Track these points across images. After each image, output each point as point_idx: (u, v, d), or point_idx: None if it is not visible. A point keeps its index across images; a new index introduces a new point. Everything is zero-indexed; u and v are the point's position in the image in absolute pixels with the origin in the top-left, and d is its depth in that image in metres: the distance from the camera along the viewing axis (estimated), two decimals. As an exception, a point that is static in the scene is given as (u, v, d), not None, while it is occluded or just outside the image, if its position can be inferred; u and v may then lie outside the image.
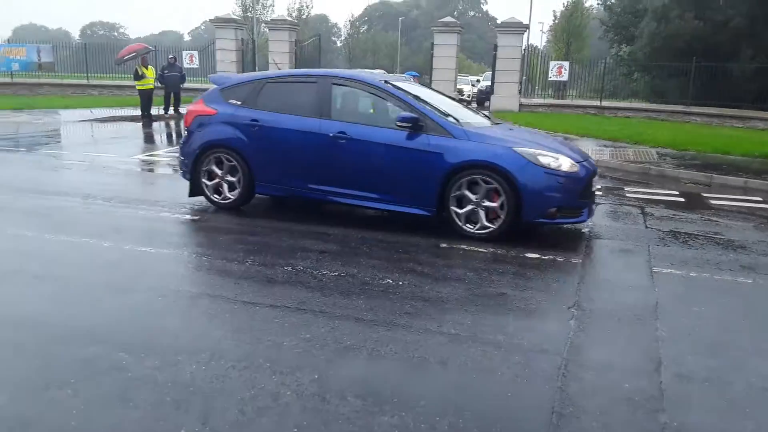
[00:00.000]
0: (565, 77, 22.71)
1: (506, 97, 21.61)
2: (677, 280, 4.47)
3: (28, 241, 4.97)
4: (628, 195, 7.84)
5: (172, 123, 16.33)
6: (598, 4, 35.12)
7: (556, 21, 43.96)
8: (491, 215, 5.25)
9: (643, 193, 8.06)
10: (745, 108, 19.43)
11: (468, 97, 28.14)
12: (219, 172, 6.13)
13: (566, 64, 23.19)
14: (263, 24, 32.22)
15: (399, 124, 5.42)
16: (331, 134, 5.63)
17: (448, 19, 23.30)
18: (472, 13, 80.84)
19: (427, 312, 3.66)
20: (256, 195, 6.20)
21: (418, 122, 5.39)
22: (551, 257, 4.90)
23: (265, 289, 3.98)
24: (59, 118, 16.49)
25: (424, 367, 2.97)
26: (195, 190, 6.25)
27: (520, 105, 21.72)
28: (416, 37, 67.00)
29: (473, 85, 31.32)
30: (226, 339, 3.20)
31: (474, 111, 6.61)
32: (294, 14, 48.66)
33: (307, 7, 53.99)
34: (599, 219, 6.27)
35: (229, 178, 6.10)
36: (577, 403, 2.68)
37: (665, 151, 11.84)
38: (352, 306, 3.70)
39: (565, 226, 5.77)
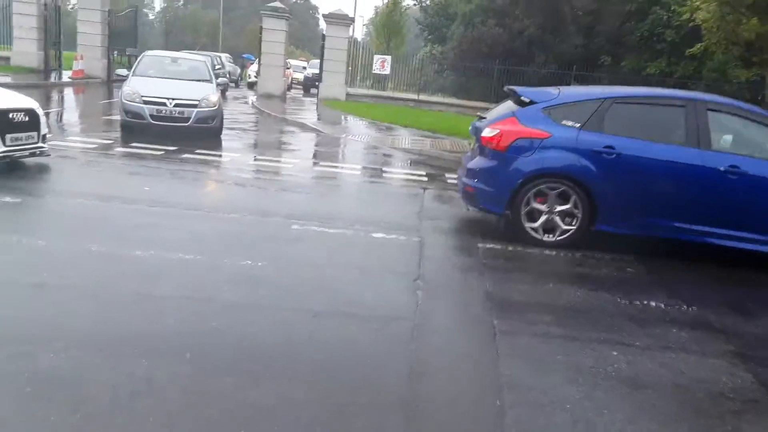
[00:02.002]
0: (387, 71, 23.90)
1: (334, 86, 22.09)
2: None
3: None
4: (449, 180, 8.66)
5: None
6: (414, 4, 37.40)
7: (377, 16, 45.76)
8: None
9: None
10: (539, 107, 22.18)
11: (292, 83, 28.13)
12: (548, 205, 5.31)
13: (389, 58, 24.39)
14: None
15: None
16: (721, 168, 5.08)
17: (277, 3, 22.96)
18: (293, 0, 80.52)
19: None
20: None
21: None
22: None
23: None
24: None
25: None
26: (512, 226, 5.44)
27: (347, 94, 22.39)
28: (237, 18, 64.69)
29: (294, 71, 31.18)
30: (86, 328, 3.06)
31: None
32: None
33: (117, -26, 49.12)
34: (429, 202, 6.92)
35: (559, 208, 5.29)
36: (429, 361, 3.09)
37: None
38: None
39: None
